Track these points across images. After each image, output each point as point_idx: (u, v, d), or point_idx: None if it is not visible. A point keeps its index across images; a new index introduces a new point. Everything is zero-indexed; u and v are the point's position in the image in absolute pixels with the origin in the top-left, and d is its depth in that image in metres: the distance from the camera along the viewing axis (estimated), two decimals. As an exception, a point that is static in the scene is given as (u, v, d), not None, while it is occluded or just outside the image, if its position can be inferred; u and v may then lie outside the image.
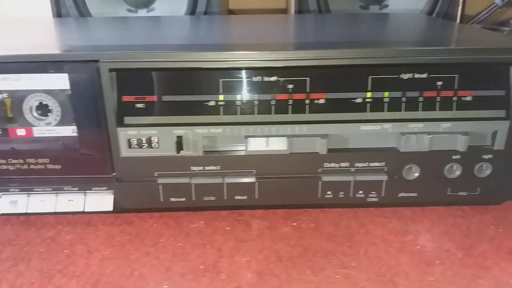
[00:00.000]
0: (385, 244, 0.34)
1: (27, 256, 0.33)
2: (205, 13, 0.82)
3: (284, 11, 1.06)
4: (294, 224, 0.37)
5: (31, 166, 0.36)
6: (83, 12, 0.83)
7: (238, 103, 0.34)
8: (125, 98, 0.34)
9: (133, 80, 0.34)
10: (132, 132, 0.35)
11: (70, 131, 0.36)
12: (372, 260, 0.33)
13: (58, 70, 0.34)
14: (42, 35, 0.46)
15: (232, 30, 0.50)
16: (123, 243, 0.35)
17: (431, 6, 0.83)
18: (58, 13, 0.83)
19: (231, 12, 1.07)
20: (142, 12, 0.85)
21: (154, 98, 0.34)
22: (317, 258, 0.33)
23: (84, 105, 0.34)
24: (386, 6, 0.87)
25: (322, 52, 0.33)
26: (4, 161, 0.36)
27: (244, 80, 0.34)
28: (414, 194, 0.38)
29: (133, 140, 0.35)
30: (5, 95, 0.35)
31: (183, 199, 0.37)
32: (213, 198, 0.37)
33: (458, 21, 0.82)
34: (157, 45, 0.37)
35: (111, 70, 0.33)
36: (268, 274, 0.31)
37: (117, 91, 0.34)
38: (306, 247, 0.34)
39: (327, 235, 0.36)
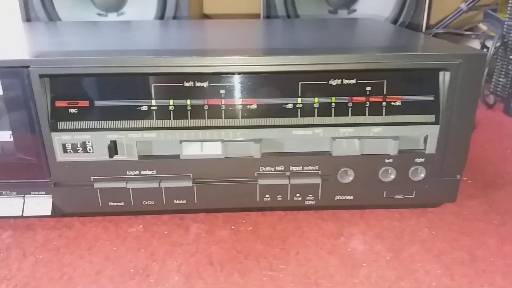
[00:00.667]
0: (317, 247, 0.35)
1: (-41, 260, 0.34)
2: (174, 17, 0.83)
3: (259, 16, 1.07)
4: (233, 227, 0.38)
5: (-32, 171, 0.36)
6: (52, 16, 0.83)
7: (171, 108, 0.35)
8: (58, 103, 0.34)
9: (65, 85, 0.34)
10: (66, 137, 0.35)
11: (7, 136, 0.36)
12: (301, 263, 0.33)
13: (-9, 75, 0.34)
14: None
15: (174, 35, 0.51)
16: (59, 247, 0.35)
17: (397, 12, 0.84)
18: (27, 17, 0.83)
19: (206, 16, 1.08)
20: (112, 16, 0.86)
21: (87, 103, 0.34)
22: (247, 261, 0.33)
23: (17, 110, 0.35)
24: (354, 10, 0.88)
25: (252, 59, 0.34)
26: None
27: (176, 85, 0.34)
28: (351, 197, 0.38)
29: (68, 145, 0.35)
30: None
31: (121, 204, 0.38)
32: (152, 203, 0.38)
33: (424, 27, 0.84)
34: (89, 51, 0.38)
35: (41, 76, 0.33)
36: (196, 277, 0.32)
37: (50, 97, 0.34)
38: (239, 250, 0.35)
39: (262, 238, 0.36)
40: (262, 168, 0.37)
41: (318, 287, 0.31)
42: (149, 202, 0.38)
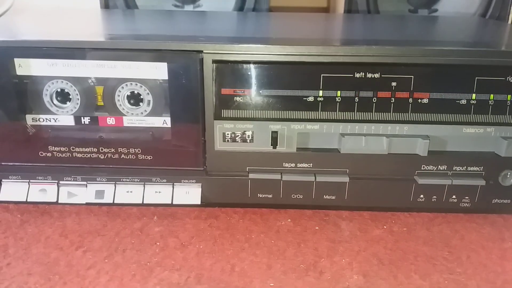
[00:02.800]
0: (485, 251, 0.33)
1: (120, 247, 0.33)
2: (254, 9, 0.82)
3: (325, 10, 1.05)
4: (385, 227, 0.36)
5: (121, 156, 0.35)
6: (130, 5, 0.82)
7: (337, 99, 0.33)
8: (224, 91, 0.33)
9: (233, 72, 0.33)
10: (228, 125, 0.34)
11: (160, 122, 0.35)
12: (476, 267, 0.32)
13: (157, 59, 0.33)
14: (130, 25, 0.45)
15: (316, 26, 0.49)
16: (215, 237, 0.34)
17: (483, 9, 0.81)
18: (106, 5, 0.83)
19: (270, 9, 1.07)
20: (189, 8, 0.85)
21: (253, 92, 0.33)
22: (419, 263, 0.32)
23: (181, 96, 0.34)
24: (436, 10, 0.86)
25: (427, 50, 0.32)
26: (93, 150, 0.36)
27: (346, 76, 0.33)
28: (508, 201, 0.37)
29: (228, 134, 0.34)
30: (97, 82, 0.35)
31: (270, 196, 0.37)
32: (300, 197, 0.37)
33: (510, 23, 0.81)
34: (256, 38, 0.37)
35: (214, 61, 0.32)
36: (374, 277, 0.30)
37: (217, 83, 0.33)
38: (404, 250, 0.33)
39: (422, 239, 0.35)
40: (424, 167, 0.35)
41: (510, 294, 0.29)
42: (298, 196, 0.37)
